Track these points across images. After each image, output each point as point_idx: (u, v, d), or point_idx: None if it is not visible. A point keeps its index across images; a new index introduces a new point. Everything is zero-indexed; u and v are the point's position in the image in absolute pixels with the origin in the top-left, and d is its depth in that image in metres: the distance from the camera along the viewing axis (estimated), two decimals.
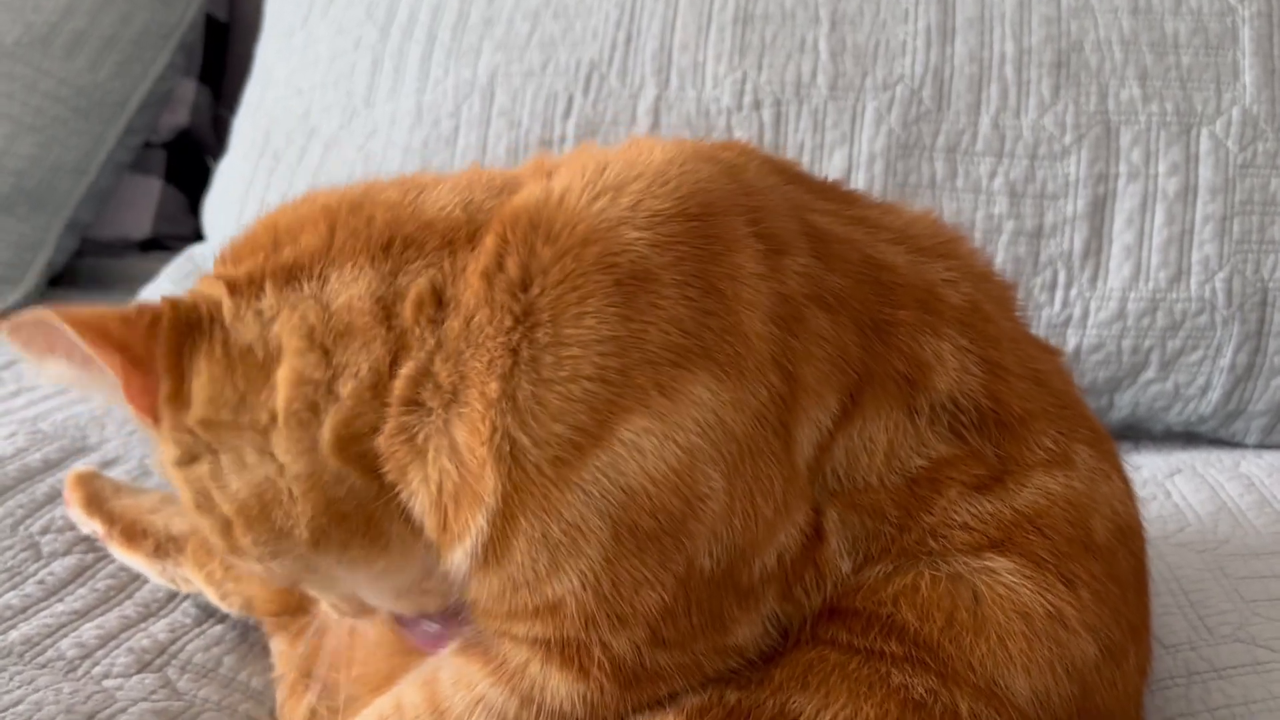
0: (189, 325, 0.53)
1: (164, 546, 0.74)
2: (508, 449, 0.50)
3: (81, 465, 0.89)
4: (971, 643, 0.54)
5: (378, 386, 0.52)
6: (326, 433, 0.52)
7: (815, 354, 0.53)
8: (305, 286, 0.53)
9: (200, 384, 0.53)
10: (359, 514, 0.53)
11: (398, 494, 0.52)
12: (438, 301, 0.52)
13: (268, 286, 0.54)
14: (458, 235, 0.54)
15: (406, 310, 0.52)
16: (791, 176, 0.62)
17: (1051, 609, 0.55)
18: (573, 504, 0.50)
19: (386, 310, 0.52)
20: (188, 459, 0.54)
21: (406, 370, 0.51)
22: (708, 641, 0.54)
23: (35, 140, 1.40)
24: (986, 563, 0.55)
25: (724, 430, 0.50)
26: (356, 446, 0.52)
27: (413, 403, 0.51)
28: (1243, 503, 0.90)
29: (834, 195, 0.63)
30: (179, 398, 0.53)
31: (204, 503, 0.55)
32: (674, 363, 0.50)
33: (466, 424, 0.50)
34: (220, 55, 1.71)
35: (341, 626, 0.66)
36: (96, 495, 0.79)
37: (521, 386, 0.50)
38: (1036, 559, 0.55)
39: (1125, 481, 0.63)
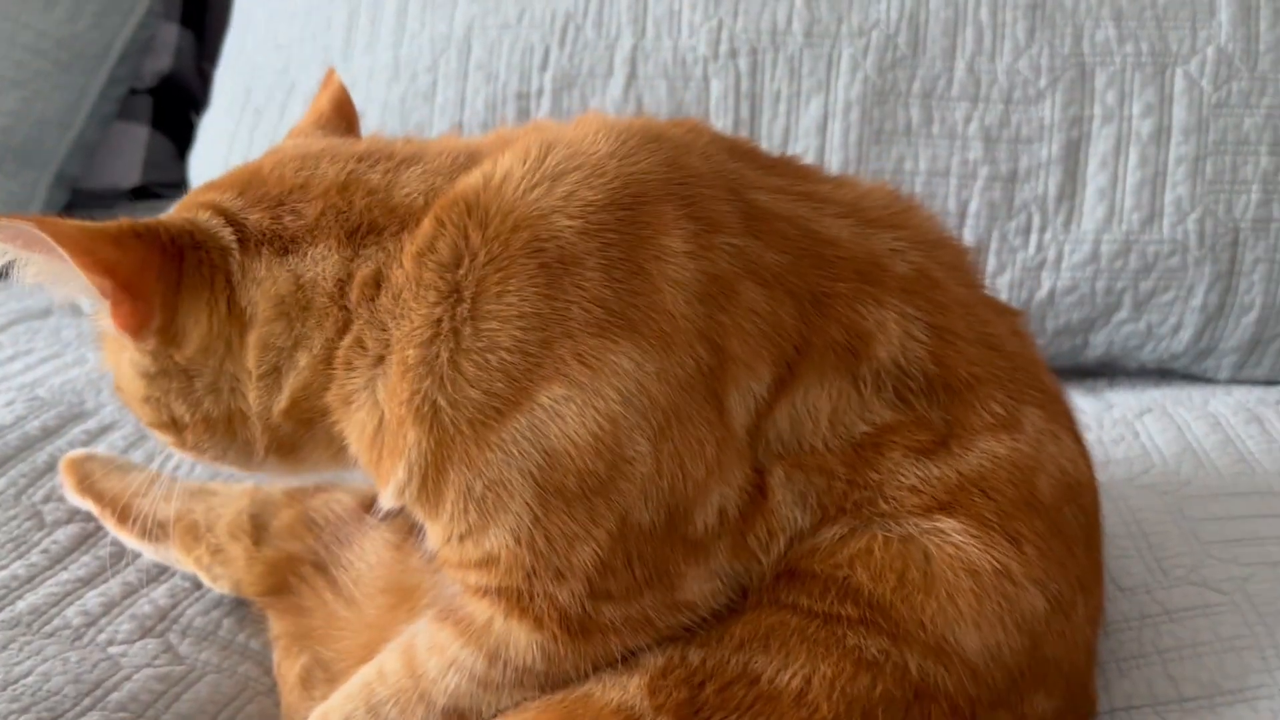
0: (183, 258, 0.58)
1: (153, 532, 0.77)
2: (428, 409, 0.55)
3: (78, 430, 0.92)
4: (922, 601, 0.57)
5: (328, 357, 0.58)
6: (284, 398, 0.60)
7: (746, 327, 0.57)
8: (290, 259, 0.58)
9: (198, 332, 0.59)
10: (301, 446, 0.62)
11: (336, 435, 0.60)
12: (376, 283, 0.57)
13: (266, 253, 0.58)
14: (409, 220, 0.58)
15: (354, 292, 0.58)
16: (740, 154, 0.64)
17: (998, 565, 0.58)
18: (493, 462, 0.55)
19: (341, 290, 0.58)
20: (160, 374, 0.61)
21: (346, 341, 0.58)
22: (656, 595, 0.58)
23: (18, 95, 1.40)
24: (936, 524, 0.58)
25: (648, 398, 0.55)
26: (307, 404, 0.60)
27: (348, 365, 0.58)
28: (1207, 443, 0.93)
29: (783, 171, 0.65)
30: (169, 332, 0.59)
31: (159, 404, 0.61)
32: (595, 336, 0.54)
33: (386, 385, 0.57)
34: None
35: (326, 605, 0.70)
36: (88, 477, 0.82)
37: (440, 354, 0.55)
38: (982, 519, 0.58)
39: (1076, 441, 0.66)
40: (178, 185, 1.68)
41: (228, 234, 0.59)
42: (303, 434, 0.61)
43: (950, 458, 0.59)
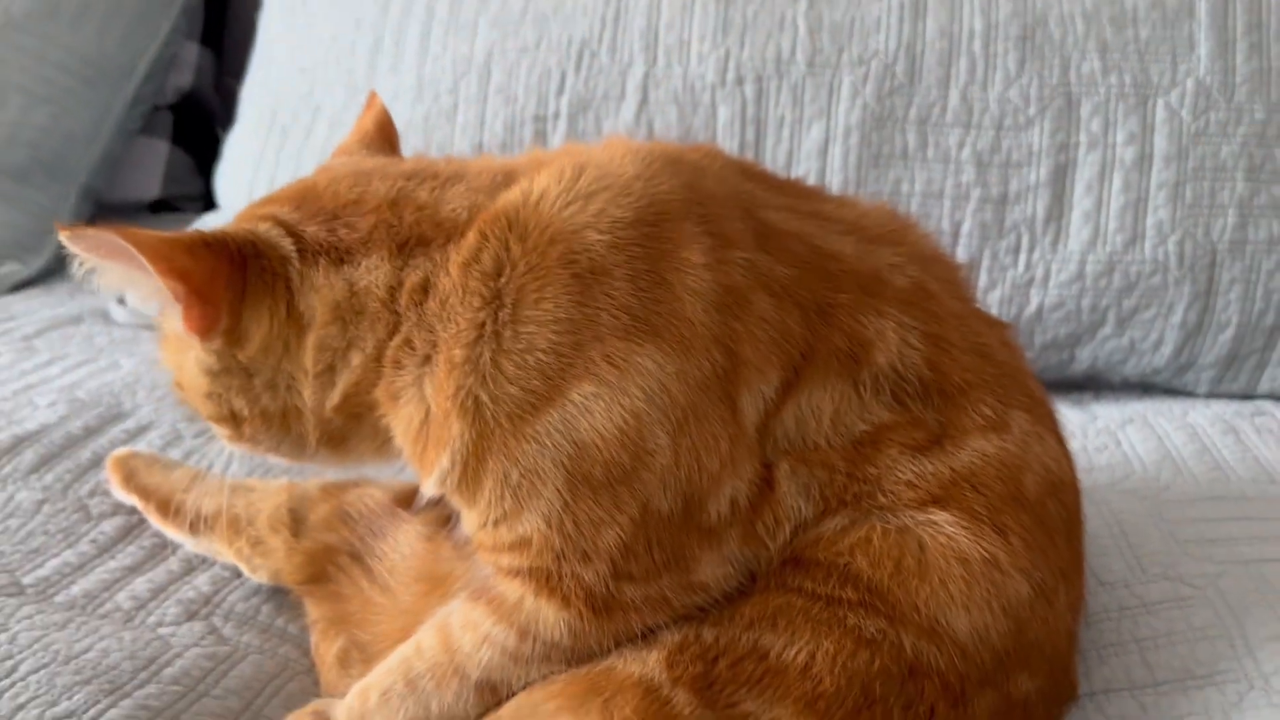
0: (247, 266, 0.64)
1: (195, 524, 0.82)
2: (471, 404, 0.61)
3: (118, 430, 0.97)
4: (916, 586, 0.63)
5: (379, 357, 0.64)
6: (337, 394, 0.65)
7: (757, 334, 0.62)
8: (345, 268, 0.64)
9: (260, 333, 0.65)
10: (349, 439, 0.68)
11: (383, 428, 0.66)
12: (424, 289, 0.63)
13: (323, 263, 0.64)
14: (455, 233, 0.64)
15: (404, 297, 0.63)
16: (752, 176, 0.70)
17: (987, 554, 0.63)
18: (528, 452, 0.60)
19: (392, 296, 0.63)
20: (222, 372, 0.66)
21: (395, 341, 0.63)
22: (673, 577, 0.63)
23: (48, 111, 1.45)
24: (930, 516, 0.64)
25: (669, 397, 0.60)
26: (358, 400, 0.65)
27: (397, 364, 0.64)
28: (1185, 451, 0.99)
29: (791, 192, 0.71)
30: (234, 333, 0.65)
31: (220, 399, 0.67)
32: (622, 339, 0.60)
33: (433, 381, 0.62)
34: (220, 16, 1.75)
35: (362, 592, 0.75)
36: (133, 473, 0.87)
37: (483, 355, 0.61)
38: (973, 512, 0.64)
39: (1060, 442, 0.71)
40: (196, 199, 1.74)
41: (287, 244, 0.64)
42: (352, 427, 0.67)
43: (944, 455, 0.65)
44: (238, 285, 0.63)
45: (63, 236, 0.61)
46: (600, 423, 0.60)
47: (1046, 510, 0.67)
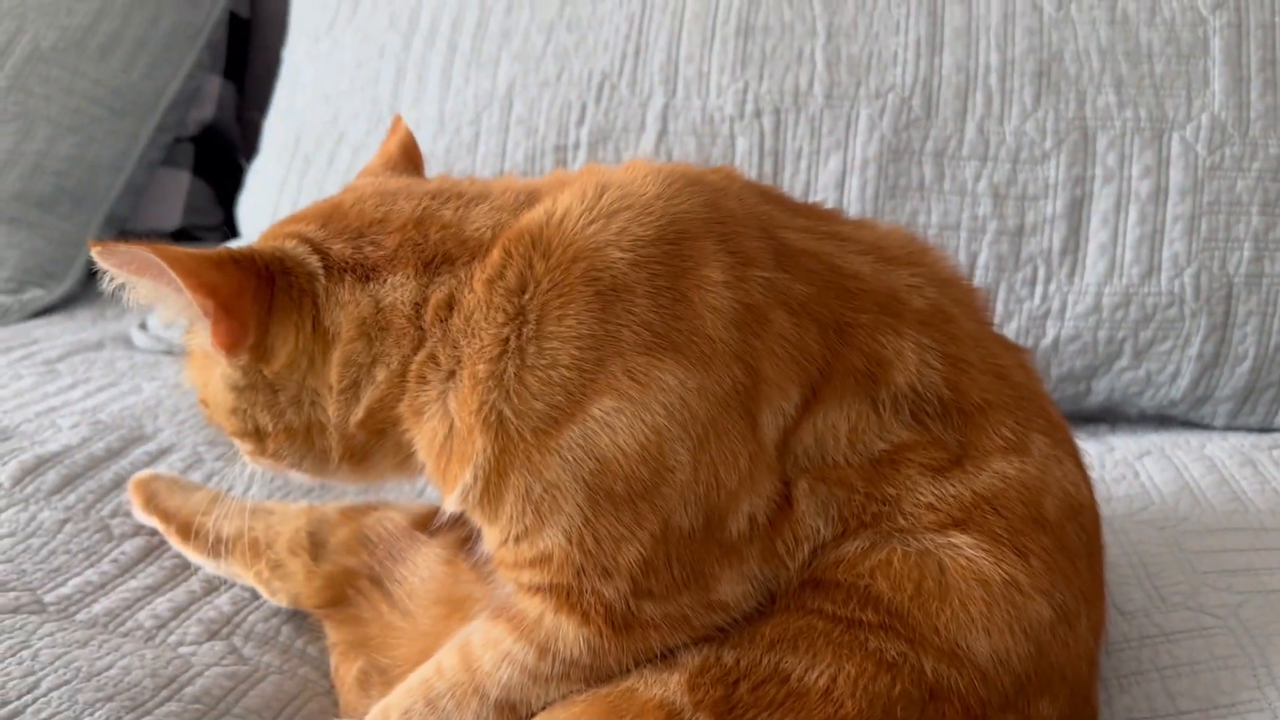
0: (274, 283, 0.65)
1: (215, 547, 0.83)
2: (494, 419, 0.61)
3: (139, 452, 0.98)
4: (937, 609, 0.63)
5: (404, 372, 0.64)
6: (361, 409, 0.66)
7: (777, 351, 0.63)
8: (371, 285, 0.65)
9: (286, 349, 0.66)
10: (371, 454, 0.68)
11: (406, 443, 0.66)
12: (449, 305, 0.64)
13: (349, 280, 0.65)
14: (479, 250, 0.65)
15: (429, 313, 0.64)
16: (770, 198, 0.71)
17: (1007, 577, 0.63)
18: (551, 466, 0.61)
19: (417, 313, 0.64)
20: (248, 388, 0.67)
21: (419, 357, 0.64)
22: (693, 595, 0.63)
23: (74, 141, 1.47)
24: (950, 539, 0.64)
25: (689, 413, 0.61)
26: (382, 415, 0.66)
27: (421, 379, 0.64)
28: (1204, 483, 0.98)
29: (809, 214, 0.72)
30: (260, 349, 0.66)
31: (245, 415, 0.68)
32: (644, 355, 0.60)
33: (458, 396, 0.63)
34: (243, 50, 1.78)
35: (382, 616, 0.76)
36: (154, 496, 0.88)
37: (507, 370, 0.61)
38: (994, 534, 0.64)
39: (1079, 466, 0.72)
40: (216, 229, 1.76)
41: (314, 261, 0.65)
42: (374, 443, 0.67)
43: (964, 476, 0.65)
44: (265, 301, 0.64)
45: (94, 252, 0.63)
46: (622, 438, 0.60)
47: (1066, 533, 0.67)
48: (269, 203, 1.29)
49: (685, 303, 0.62)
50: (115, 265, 0.63)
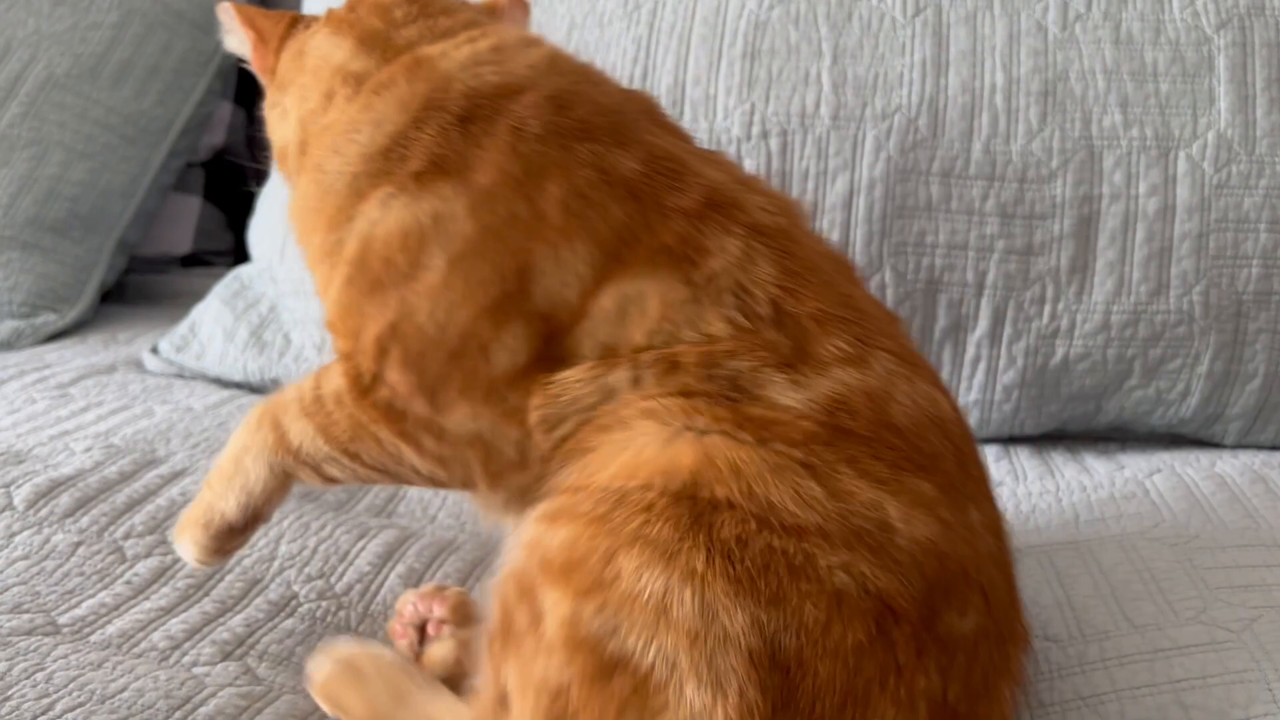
0: (290, 32, 0.80)
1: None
2: (317, 168, 0.72)
3: (152, 475, 0.98)
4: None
5: (319, 109, 0.76)
6: (294, 124, 0.78)
7: (571, 205, 0.66)
8: (336, 39, 0.77)
9: (280, 73, 0.80)
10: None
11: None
12: (359, 80, 0.74)
13: (321, 34, 0.79)
14: (395, 56, 0.74)
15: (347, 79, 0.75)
16: (659, 122, 0.74)
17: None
18: (342, 227, 0.70)
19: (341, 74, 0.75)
20: (272, 105, 0.80)
21: (338, 99, 0.75)
22: (423, 406, 0.68)
23: (87, 167, 1.49)
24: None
25: (455, 225, 0.67)
26: (304, 134, 0.77)
27: (301, 145, 0.76)
28: (1215, 500, 0.98)
29: (715, 160, 0.73)
30: (275, 74, 0.81)
31: (274, 130, 0.81)
32: (435, 165, 0.68)
33: (320, 145, 0.74)
34: (254, 77, 1.79)
35: None
36: (333, 696, 0.74)
37: (344, 137, 0.71)
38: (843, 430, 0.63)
39: (937, 388, 0.69)
40: (226, 253, 1.77)
41: (319, 24, 0.80)
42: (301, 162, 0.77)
43: (804, 380, 0.64)
44: (282, 41, 0.80)
45: (219, 9, 0.83)
46: (391, 223, 0.67)
47: (926, 439, 0.64)
48: (279, 227, 1.30)
49: (491, 136, 0.67)
50: (226, 20, 0.82)
